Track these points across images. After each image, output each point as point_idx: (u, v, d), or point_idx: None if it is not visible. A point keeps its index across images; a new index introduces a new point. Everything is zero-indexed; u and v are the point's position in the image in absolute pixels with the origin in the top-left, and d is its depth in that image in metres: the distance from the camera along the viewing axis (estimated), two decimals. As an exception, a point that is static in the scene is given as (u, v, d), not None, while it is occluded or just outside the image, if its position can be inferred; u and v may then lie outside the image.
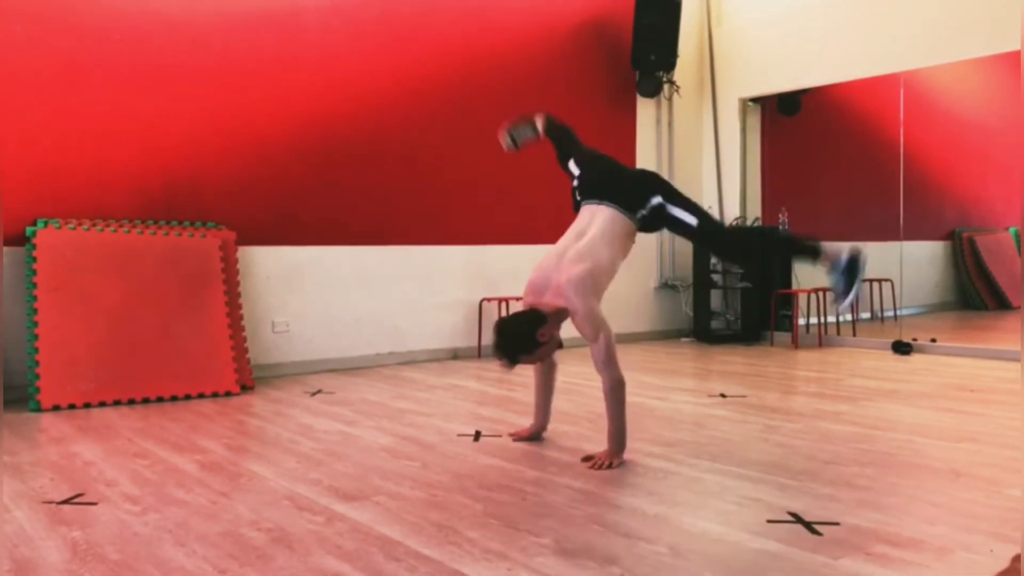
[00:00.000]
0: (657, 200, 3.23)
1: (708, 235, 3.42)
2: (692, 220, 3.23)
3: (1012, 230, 8.06)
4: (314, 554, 2.19)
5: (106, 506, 2.62)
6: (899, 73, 6.44)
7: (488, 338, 6.19)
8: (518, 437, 3.49)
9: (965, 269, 7.95)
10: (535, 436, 3.48)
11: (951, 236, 8.00)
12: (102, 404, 4.31)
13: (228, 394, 4.62)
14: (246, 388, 4.78)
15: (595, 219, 3.21)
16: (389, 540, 2.28)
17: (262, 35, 5.29)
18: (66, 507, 2.62)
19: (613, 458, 3.05)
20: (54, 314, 4.34)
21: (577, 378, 5.05)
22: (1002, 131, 7.92)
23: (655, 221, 3.28)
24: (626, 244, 3.26)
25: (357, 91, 5.66)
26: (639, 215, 3.23)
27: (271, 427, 3.83)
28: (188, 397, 4.51)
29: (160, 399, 4.45)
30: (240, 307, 4.99)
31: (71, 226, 4.54)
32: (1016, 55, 5.82)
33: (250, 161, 5.25)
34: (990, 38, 5.75)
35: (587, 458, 3.12)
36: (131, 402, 4.38)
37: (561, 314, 3.09)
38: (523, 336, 3.03)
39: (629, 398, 3.15)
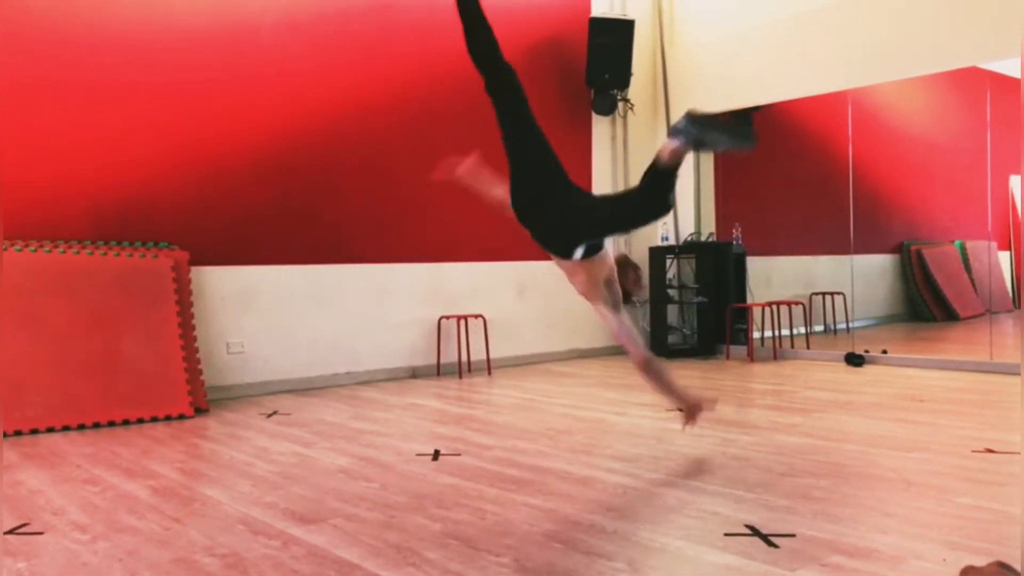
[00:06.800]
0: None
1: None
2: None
3: (957, 243, 8.26)
4: (269, 579, 2.15)
5: (53, 535, 2.55)
6: (847, 91, 6.60)
7: (447, 356, 6.19)
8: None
9: (914, 281, 8.13)
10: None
11: (900, 249, 8.18)
12: (50, 430, 4.20)
13: (181, 417, 4.53)
14: (200, 411, 4.70)
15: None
16: (347, 563, 2.25)
17: (217, 53, 5.24)
18: (11, 537, 2.54)
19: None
20: (0, 338, 4.23)
21: (535, 394, 5.05)
22: (946, 147, 8.15)
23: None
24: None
25: (313, 109, 5.63)
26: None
27: (226, 450, 3.76)
28: (140, 421, 4.42)
29: (111, 424, 4.35)
30: (194, 328, 4.91)
31: (18, 247, 4.43)
32: (958, 73, 6.00)
33: (204, 180, 5.18)
34: (935, 56, 5.92)
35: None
36: (81, 427, 4.28)
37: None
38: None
39: (589, 413, 3.15)
